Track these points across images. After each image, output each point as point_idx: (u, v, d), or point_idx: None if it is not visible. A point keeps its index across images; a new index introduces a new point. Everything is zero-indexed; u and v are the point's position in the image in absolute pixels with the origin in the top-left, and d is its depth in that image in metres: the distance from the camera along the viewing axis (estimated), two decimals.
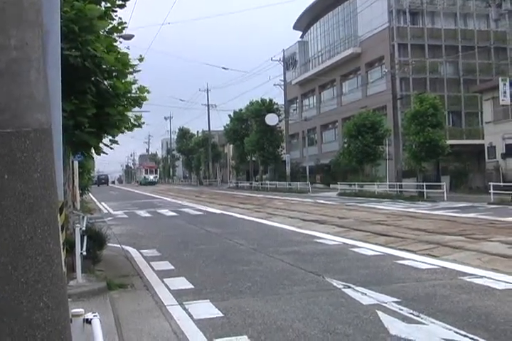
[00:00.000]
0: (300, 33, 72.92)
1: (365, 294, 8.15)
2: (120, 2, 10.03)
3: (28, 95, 2.13)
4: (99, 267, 10.70)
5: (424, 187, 34.14)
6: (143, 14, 52.58)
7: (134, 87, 10.71)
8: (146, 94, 10.94)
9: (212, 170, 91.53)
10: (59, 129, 3.93)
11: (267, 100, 63.82)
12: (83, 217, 12.00)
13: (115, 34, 10.23)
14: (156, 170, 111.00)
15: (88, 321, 2.84)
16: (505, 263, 10.54)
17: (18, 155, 2.08)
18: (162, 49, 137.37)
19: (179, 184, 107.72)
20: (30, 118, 2.13)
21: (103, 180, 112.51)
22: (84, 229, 10.33)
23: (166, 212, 28.13)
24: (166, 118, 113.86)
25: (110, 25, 9.91)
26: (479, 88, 44.40)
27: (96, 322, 2.83)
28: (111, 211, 30.39)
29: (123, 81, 9.99)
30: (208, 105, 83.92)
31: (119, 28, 10.13)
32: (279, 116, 61.14)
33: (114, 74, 9.79)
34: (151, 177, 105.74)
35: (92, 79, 9.29)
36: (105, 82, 9.71)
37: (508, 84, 31.99)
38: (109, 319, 6.98)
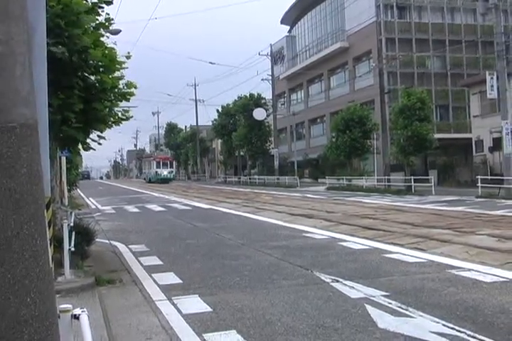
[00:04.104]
0: (288, 27, 72.89)
1: (354, 288, 8.17)
2: None
3: (13, 90, 2.12)
4: (87, 263, 10.65)
5: (412, 181, 34.27)
6: (130, 8, 52.35)
7: (121, 82, 10.67)
8: (133, 89, 10.90)
9: (200, 165, 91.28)
10: (45, 124, 3.92)
11: (255, 95, 63.85)
12: (71, 213, 11.95)
13: (102, 29, 10.17)
14: (171, 163, 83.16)
15: (76, 317, 2.83)
16: (492, 256, 10.61)
17: (4, 151, 2.07)
18: (149, 43, 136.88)
19: None
20: (15, 113, 2.12)
21: (86, 176, 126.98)
22: (72, 224, 10.29)
23: (154, 207, 28.07)
24: (153, 114, 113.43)
25: (97, 21, 9.84)
26: (466, 82, 44.59)
27: (84, 318, 2.82)
28: (99, 206, 30.25)
29: (110, 76, 9.95)
30: (196, 100, 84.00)
31: (106, 23, 10.07)
32: (266, 110, 61.16)
33: (101, 69, 9.75)
34: (165, 172, 78.73)
35: (79, 74, 9.23)
36: (92, 77, 9.67)
37: (495, 78, 32.03)
38: (97, 314, 6.96)
